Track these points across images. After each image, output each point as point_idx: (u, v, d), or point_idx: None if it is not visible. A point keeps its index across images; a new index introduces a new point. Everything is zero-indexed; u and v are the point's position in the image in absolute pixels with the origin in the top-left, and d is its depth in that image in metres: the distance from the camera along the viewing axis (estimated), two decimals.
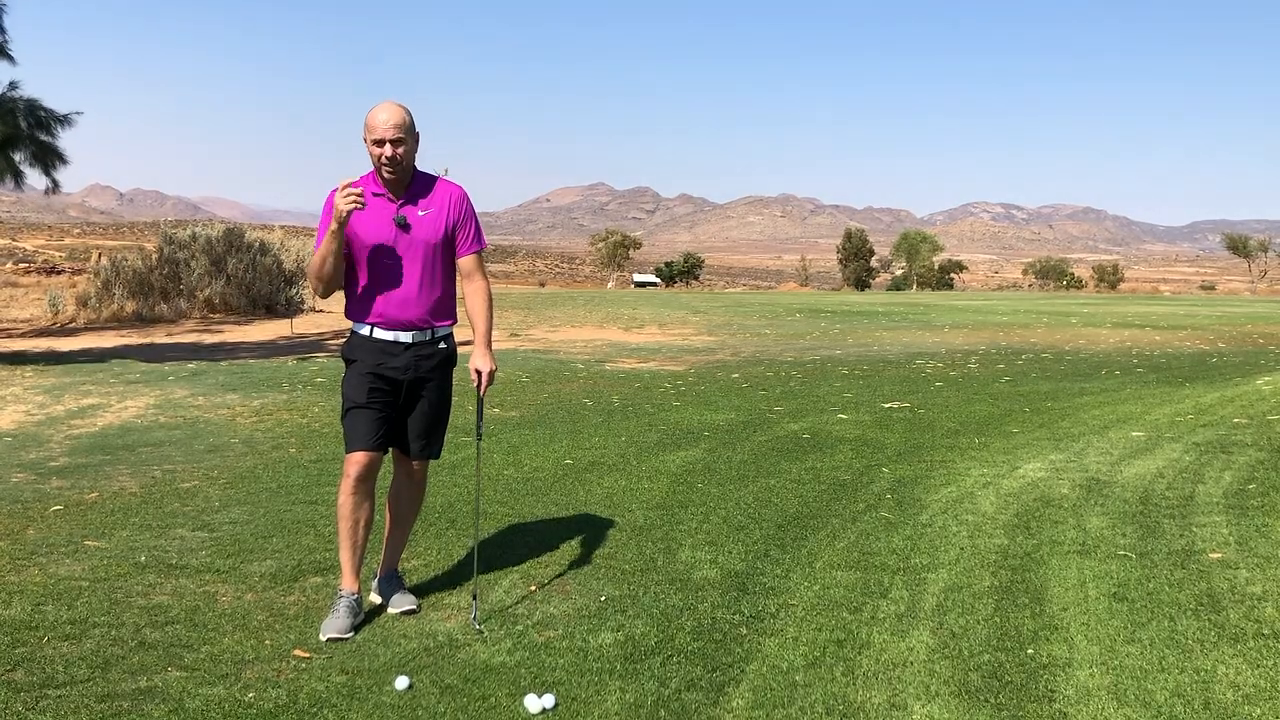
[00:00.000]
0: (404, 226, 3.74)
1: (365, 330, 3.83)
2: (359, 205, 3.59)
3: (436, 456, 4.06)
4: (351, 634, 3.66)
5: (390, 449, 3.96)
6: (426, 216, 3.77)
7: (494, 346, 4.16)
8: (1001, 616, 3.81)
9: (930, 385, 11.03)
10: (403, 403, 3.88)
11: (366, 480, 3.81)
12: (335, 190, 3.66)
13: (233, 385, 10.52)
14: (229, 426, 8.13)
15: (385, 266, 3.76)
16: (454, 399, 4.10)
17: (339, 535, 3.88)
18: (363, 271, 3.79)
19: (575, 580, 4.26)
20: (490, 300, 4.01)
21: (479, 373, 3.92)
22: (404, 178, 3.75)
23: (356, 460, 3.77)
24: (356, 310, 3.86)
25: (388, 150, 3.64)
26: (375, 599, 4.00)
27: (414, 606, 3.91)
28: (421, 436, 3.94)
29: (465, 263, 3.92)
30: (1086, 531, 4.95)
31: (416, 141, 3.74)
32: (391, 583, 4.02)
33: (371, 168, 3.75)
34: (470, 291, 3.97)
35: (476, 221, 3.93)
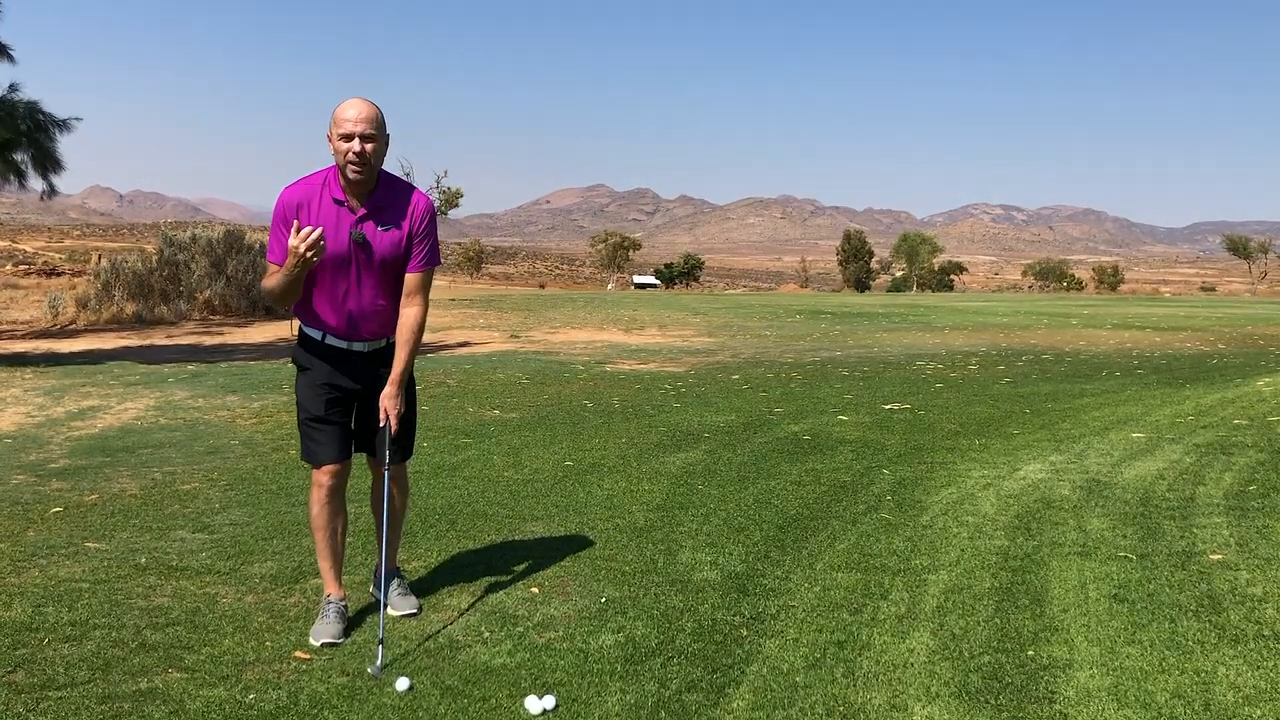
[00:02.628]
0: (362, 244, 3.50)
1: (317, 335, 3.65)
2: (319, 256, 3.38)
3: (409, 457, 3.91)
4: (344, 638, 3.62)
5: (364, 457, 3.86)
6: (386, 233, 3.52)
7: (493, 348, 4.11)
8: (1002, 618, 3.81)
9: (930, 387, 11.03)
10: (368, 410, 3.74)
11: (338, 491, 3.76)
12: (288, 190, 3.47)
13: (233, 387, 10.52)
14: (229, 428, 8.13)
15: (340, 280, 3.55)
16: (452, 400, 4.06)
17: (316, 545, 3.81)
18: (315, 281, 3.56)
19: (575, 581, 4.26)
20: (421, 330, 3.69)
21: (388, 413, 3.63)
22: (370, 180, 3.48)
23: (327, 472, 3.69)
24: (307, 315, 3.66)
25: (356, 145, 3.37)
26: (375, 594, 3.94)
27: (415, 610, 3.88)
28: (393, 443, 3.74)
29: (411, 280, 3.61)
30: (1087, 533, 4.94)
31: (387, 143, 3.48)
32: (391, 582, 3.93)
33: (333, 165, 3.48)
34: (405, 315, 3.63)
35: (435, 237, 3.66)
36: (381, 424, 3.68)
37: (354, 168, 3.42)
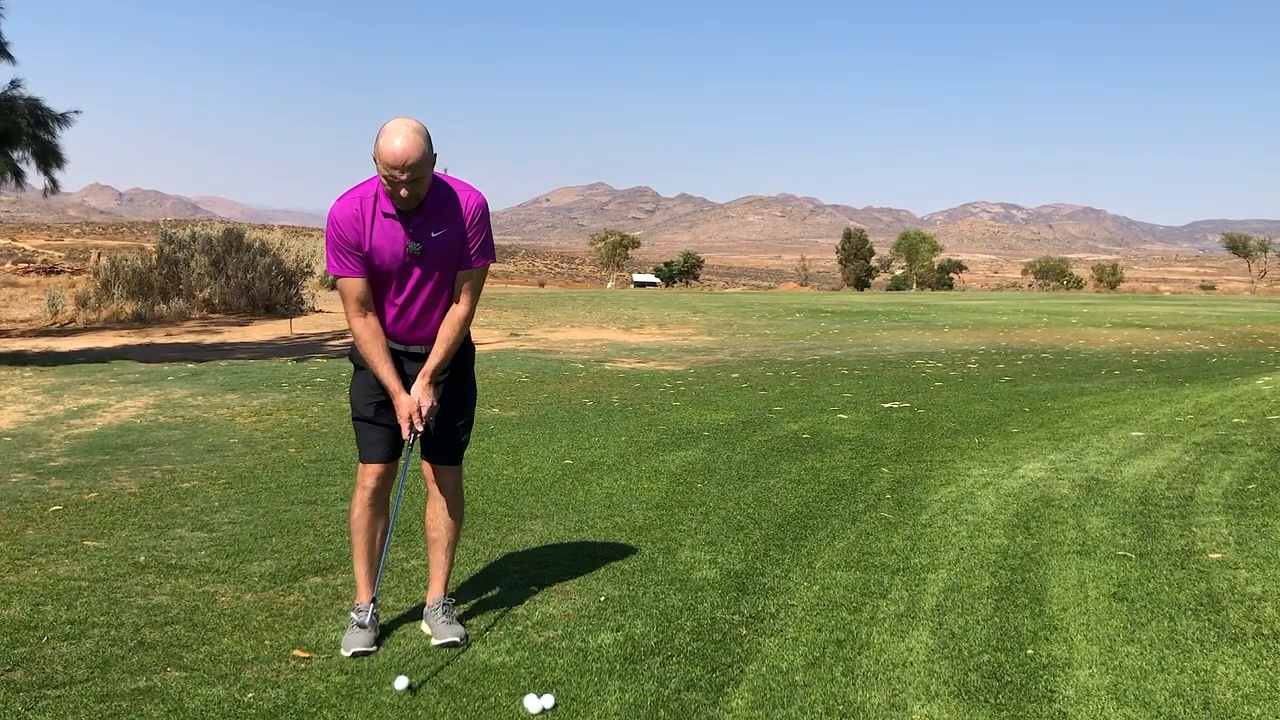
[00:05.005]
0: (418, 255, 3.44)
1: None
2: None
3: (458, 459, 3.78)
4: (376, 647, 3.53)
5: (425, 478, 3.78)
6: (440, 237, 3.44)
7: (493, 347, 4.05)
8: (1001, 617, 3.81)
9: (930, 385, 11.03)
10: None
11: (382, 492, 3.68)
12: (338, 207, 3.40)
13: (232, 385, 10.52)
14: (228, 427, 8.13)
15: (399, 288, 3.51)
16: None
17: (353, 549, 3.72)
18: (376, 288, 3.53)
19: (575, 580, 4.26)
20: (463, 326, 3.59)
21: (419, 405, 3.52)
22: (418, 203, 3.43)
23: (370, 471, 3.64)
24: None
25: (403, 191, 3.29)
26: (425, 630, 3.72)
27: (459, 639, 3.60)
28: (444, 441, 3.69)
29: (461, 276, 3.53)
30: (1086, 531, 4.95)
31: (433, 163, 3.35)
32: (439, 611, 3.72)
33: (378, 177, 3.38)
34: (450, 311, 3.56)
35: (488, 233, 3.55)
36: (411, 416, 3.54)
37: (401, 202, 3.36)
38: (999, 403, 9.54)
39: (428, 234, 3.44)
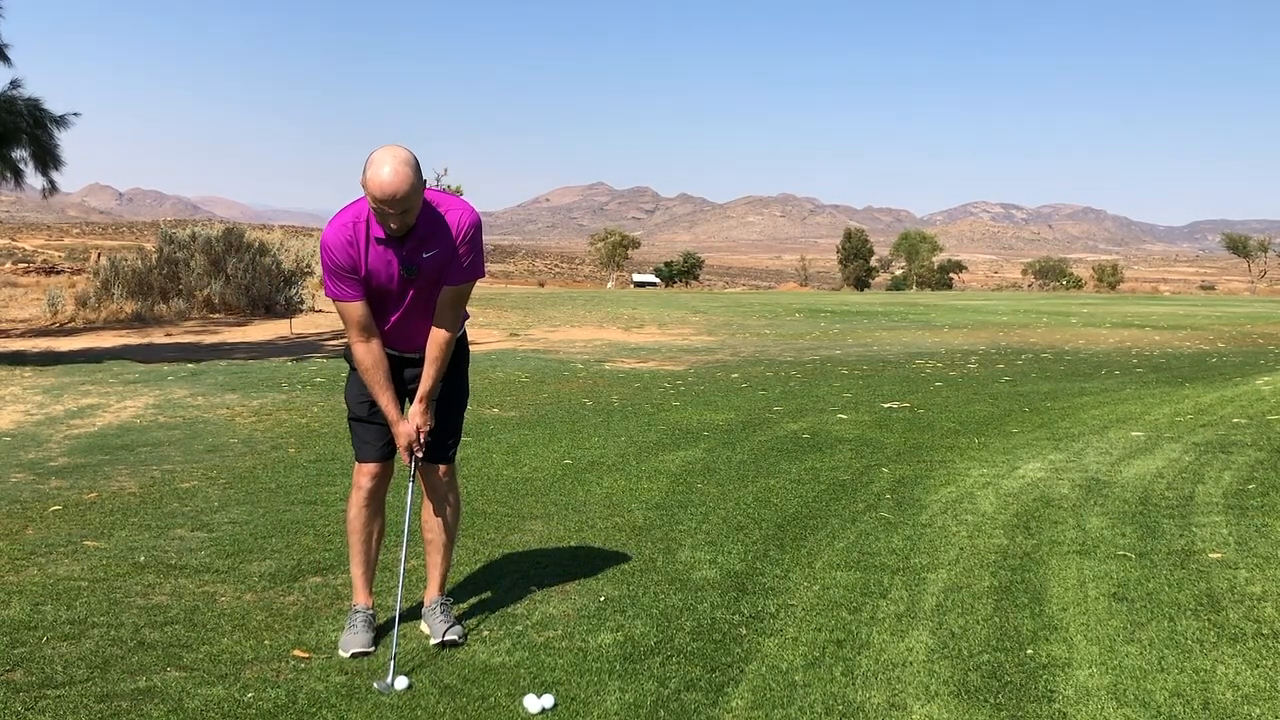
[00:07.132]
0: (412, 274, 3.43)
1: None
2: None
3: (450, 460, 3.78)
4: (374, 648, 3.53)
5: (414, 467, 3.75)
6: (432, 258, 3.43)
7: (493, 347, 4.04)
8: (1001, 617, 3.81)
9: (930, 385, 11.03)
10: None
11: (378, 492, 3.69)
12: (330, 233, 3.38)
13: (232, 385, 10.52)
14: (228, 427, 8.12)
15: (392, 306, 3.51)
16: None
17: (350, 549, 3.73)
18: (373, 304, 3.50)
19: (574, 580, 4.26)
20: (451, 347, 3.57)
21: (419, 430, 3.55)
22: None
23: (367, 471, 3.65)
24: None
25: (393, 224, 3.27)
26: (424, 630, 3.71)
27: (459, 638, 3.60)
28: (439, 439, 3.67)
29: (446, 292, 3.48)
30: (1086, 531, 4.95)
31: (422, 189, 3.30)
32: (437, 610, 3.72)
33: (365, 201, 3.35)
34: (435, 332, 3.53)
35: (478, 252, 3.51)
36: (411, 442, 3.56)
37: (392, 231, 3.33)
38: (999, 403, 9.54)
39: (419, 256, 3.42)
